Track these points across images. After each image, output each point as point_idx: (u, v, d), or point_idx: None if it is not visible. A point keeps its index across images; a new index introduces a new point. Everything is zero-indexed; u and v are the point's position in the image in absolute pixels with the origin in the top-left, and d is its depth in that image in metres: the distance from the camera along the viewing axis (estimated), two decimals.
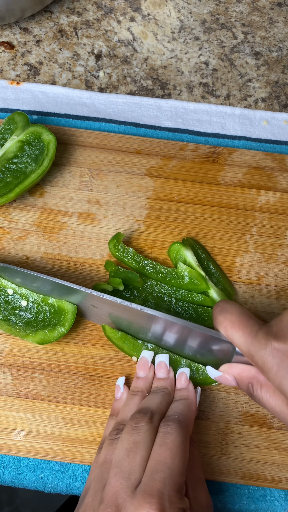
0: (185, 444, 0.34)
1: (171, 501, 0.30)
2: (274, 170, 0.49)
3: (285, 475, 0.40)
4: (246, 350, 0.34)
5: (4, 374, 0.42)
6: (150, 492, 0.30)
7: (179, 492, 0.31)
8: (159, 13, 0.57)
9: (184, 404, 0.38)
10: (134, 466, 0.32)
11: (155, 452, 0.33)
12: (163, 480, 0.31)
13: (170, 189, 0.47)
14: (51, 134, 0.45)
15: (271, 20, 0.57)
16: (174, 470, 0.32)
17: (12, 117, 0.46)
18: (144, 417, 0.35)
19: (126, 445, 0.33)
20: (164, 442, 0.33)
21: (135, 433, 0.34)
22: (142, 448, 0.33)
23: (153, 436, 0.34)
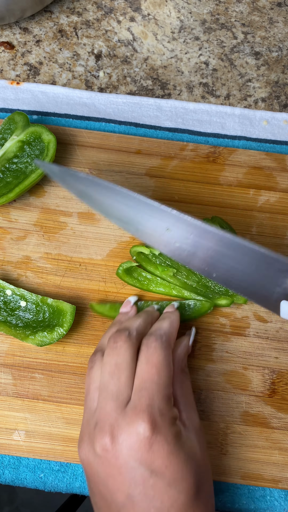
0: (169, 357, 0.35)
1: (161, 412, 0.33)
2: (274, 170, 0.49)
3: (285, 475, 0.40)
4: None
5: (4, 374, 0.42)
6: (140, 407, 0.32)
7: (167, 403, 0.33)
8: (159, 13, 0.57)
9: (167, 321, 0.39)
10: (120, 387, 0.34)
11: (142, 370, 0.34)
12: (151, 396, 0.33)
13: (170, 189, 0.47)
14: (51, 134, 0.45)
15: (271, 20, 0.57)
16: (161, 385, 0.34)
17: (12, 117, 0.46)
18: (122, 335, 0.36)
19: (109, 368, 0.35)
20: (149, 359, 0.35)
21: (115, 354, 0.35)
22: (125, 368, 0.35)
23: (134, 354, 0.35)
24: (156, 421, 0.32)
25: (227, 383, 0.42)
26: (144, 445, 0.31)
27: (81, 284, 0.44)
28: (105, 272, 0.45)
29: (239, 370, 0.43)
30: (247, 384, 0.42)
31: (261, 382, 0.42)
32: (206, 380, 0.42)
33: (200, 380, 0.42)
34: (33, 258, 0.45)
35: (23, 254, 0.45)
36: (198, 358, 0.43)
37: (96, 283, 0.44)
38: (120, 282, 0.44)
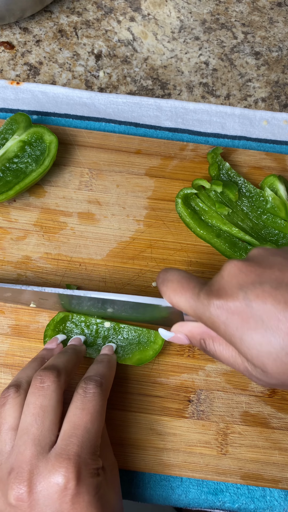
0: (104, 408, 0.34)
1: (87, 463, 0.31)
2: (274, 170, 0.49)
3: (285, 475, 0.40)
4: (193, 313, 0.33)
5: (4, 374, 0.42)
6: (67, 455, 0.30)
7: (94, 453, 0.32)
8: (159, 13, 0.57)
9: (106, 366, 0.37)
10: (44, 431, 0.31)
11: (75, 415, 0.32)
12: (81, 444, 0.31)
13: (170, 189, 0.47)
14: (52, 135, 0.45)
15: (271, 20, 0.57)
16: (92, 434, 0.32)
17: (14, 118, 0.46)
18: (50, 375, 0.33)
19: (33, 409, 0.32)
20: (85, 405, 0.33)
21: (42, 395, 0.33)
22: (51, 411, 0.32)
23: (61, 396, 0.33)
24: (81, 471, 0.30)
25: (227, 383, 0.42)
26: (64, 496, 0.29)
27: (81, 284, 0.44)
28: (105, 272, 0.45)
29: None
30: (247, 384, 0.42)
31: None
32: (206, 380, 0.42)
33: (200, 380, 0.42)
34: (33, 258, 0.45)
35: (23, 254, 0.45)
36: (198, 358, 0.43)
37: (96, 283, 0.44)
38: (120, 282, 0.44)
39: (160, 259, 0.45)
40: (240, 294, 0.30)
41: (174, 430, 0.41)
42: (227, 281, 0.31)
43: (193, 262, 0.45)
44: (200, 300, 0.32)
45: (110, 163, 0.48)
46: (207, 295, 0.31)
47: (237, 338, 0.30)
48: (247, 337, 0.29)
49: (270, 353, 0.29)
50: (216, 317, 0.31)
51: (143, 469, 0.40)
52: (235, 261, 0.32)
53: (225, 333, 0.31)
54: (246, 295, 0.30)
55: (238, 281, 0.30)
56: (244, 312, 0.29)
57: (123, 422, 0.41)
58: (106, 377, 0.36)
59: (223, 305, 0.30)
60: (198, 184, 0.45)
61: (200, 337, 0.35)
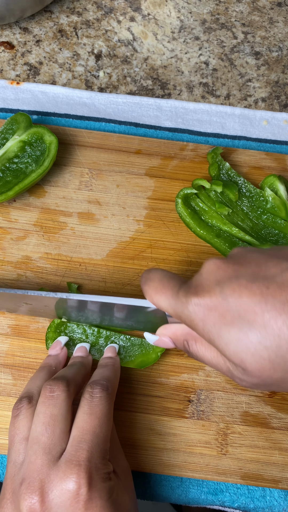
0: (111, 411, 0.34)
1: (97, 468, 0.30)
2: (274, 170, 0.49)
3: (285, 475, 0.40)
4: (172, 312, 0.32)
5: (4, 374, 0.42)
6: (77, 461, 0.30)
7: (104, 458, 0.31)
8: (159, 13, 0.57)
9: (111, 369, 0.37)
10: (54, 440, 0.31)
11: (83, 420, 0.32)
12: (91, 449, 0.31)
13: (170, 189, 0.47)
14: (53, 135, 0.45)
15: (271, 20, 0.57)
16: (101, 438, 0.32)
17: (15, 118, 0.46)
18: (60, 384, 0.33)
19: (43, 419, 0.32)
20: (92, 410, 0.33)
21: (52, 404, 0.33)
22: (61, 420, 0.32)
23: (69, 406, 0.33)
24: (93, 476, 0.30)
25: (227, 383, 0.42)
26: (77, 502, 0.29)
27: (81, 284, 0.44)
28: (105, 272, 0.45)
29: None
30: None
31: None
32: (206, 380, 0.42)
33: (200, 380, 0.42)
34: (33, 258, 0.45)
35: (23, 254, 0.45)
36: None
37: (96, 283, 0.44)
38: (120, 282, 0.44)
39: (160, 259, 0.45)
40: (216, 290, 0.29)
41: (174, 430, 0.41)
42: (205, 278, 0.31)
43: (193, 262, 0.45)
44: (179, 298, 0.31)
45: (110, 163, 0.48)
46: (186, 293, 0.31)
47: (214, 335, 0.29)
48: (224, 333, 0.29)
49: (248, 348, 0.28)
50: (194, 315, 0.30)
51: (143, 469, 0.40)
52: (214, 259, 0.32)
53: (203, 331, 0.30)
54: (222, 290, 0.29)
55: (216, 277, 0.30)
56: (220, 307, 0.29)
57: (123, 422, 0.41)
58: (112, 381, 0.36)
59: (201, 301, 0.30)
60: (198, 184, 0.45)
61: (183, 339, 0.35)
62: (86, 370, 0.38)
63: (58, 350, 0.40)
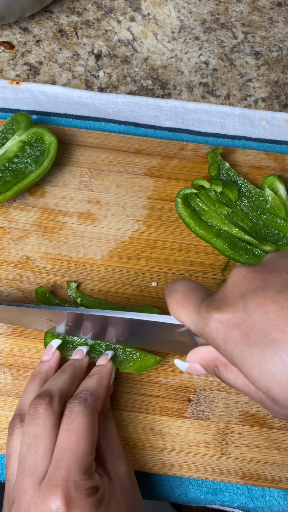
0: (92, 422, 0.33)
1: (77, 485, 0.30)
2: (274, 170, 0.49)
3: (284, 475, 0.40)
4: (195, 329, 0.29)
5: (4, 374, 0.42)
6: (55, 482, 0.30)
7: (86, 473, 0.31)
8: (159, 13, 0.57)
9: (95, 379, 0.37)
10: (37, 460, 0.31)
11: (61, 439, 0.32)
12: (68, 467, 0.30)
13: (170, 189, 0.47)
14: (52, 135, 0.45)
15: (271, 20, 0.57)
16: (80, 453, 0.31)
17: (15, 117, 0.46)
18: (42, 402, 0.33)
19: (27, 439, 0.32)
20: (69, 426, 0.32)
21: (34, 423, 0.33)
22: (43, 439, 0.32)
23: (55, 422, 0.33)
24: (71, 495, 0.29)
25: None
26: None
27: (80, 284, 0.44)
28: (105, 272, 0.45)
29: None
30: None
31: None
32: (206, 380, 0.42)
33: (200, 380, 0.42)
34: (33, 258, 0.45)
35: (23, 254, 0.45)
36: None
37: (96, 283, 0.44)
38: (120, 282, 0.44)
39: (160, 259, 0.45)
40: (240, 304, 0.25)
41: (174, 430, 0.41)
42: (230, 290, 0.27)
43: (193, 262, 0.45)
44: (200, 313, 0.28)
45: (110, 163, 0.48)
46: (207, 307, 0.27)
47: (237, 357, 0.25)
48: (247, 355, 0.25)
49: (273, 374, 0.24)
50: (215, 333, 0.26)
51: (143, 469, 0.40)
52: (241, 267, 0.27)
53: (226, 352, 0.26)
54: (246, 304, 0.25)
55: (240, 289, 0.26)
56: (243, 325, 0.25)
57: (123, 422, 0.41)
58: (93, 391, 0.35)
59: (222, 318, 0.26)
60: (198, 184, 0.45)
61: (213, 364, 0.31)
62: (76, 375, 0.37)
63: (50, 355, 0.40)
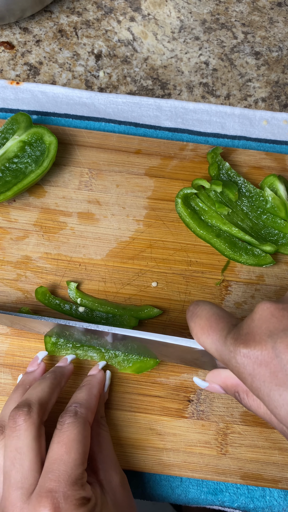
0: (83, 432, 0.33)
1: (66, 496, 0.30)
2: (274, 170, 0.49)
3: (284, 475, 0.40)
4: (219, 358, 0.30)
5: (4, 374, 0.42)
6: (44, 494, 0.30)
7: (76, 484, 0.31)
8: (159, 13, 0.57)
9: (85, 390, 0.37)
10: (24, 473, 0.31)
11: (52, 451, 0.32)
12: (57, 478, 0.30)
13: (170, 189, 0.47)
14: (52, 135, 0.45)
15: (271, 20, 0.57)
16: (70, 464, 0.31)
17: (15, 118, 0.46)
18: (21, 413, 0.33)
19: (9, 453, 0.32)
20: (60, 438, 0.32)
21: (15, 436, 0.32)
22: (27, 452, 0.32)
23: (37, 432, 0.33)
24: (60, 506, 0.29)
25: None
26: None
27: (80, 285, 0.44)
28: (105, 272, 0.45)
29: None
30: None
31: None
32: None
33: None
34: (33, 258, 0.45)
35: (23, 254, 0.45)
36: None
37: (96, 283, 0.44)
38: (120, 282, 0.44)
39: (160, 259, 0.45)
40: (269, 343, 0.26)
41: (174, 430, 0.41)
42: (257, 325, 0.28)
43: (193, 262, 0.45)
44: (227, 345, 0.29)
45: (110, 163, 0.48)
46: (234, 340, 0.28)
47: (264, 394, 0.26)
48: (275, 394, 0.26)
49: None
50: (242, 367, 0.27)
51: (143, 469, 0.40)
52: (268, 303, 0.28)
53: (252, 387, 0.27)
54: (275, 344, 0.26)
55: (269, 327, 0.27)
56: (272, 364, 0.26)
57: (123, 422, 0.41)
58: (84, 403, 0.35)
59: (250, 354, 0.27)
60: (198, 184, 0.45)
61: (234, 390, 0.32)
62: (57, 381, 0.37)
63: (35, 366, 0.40)
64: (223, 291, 0.45)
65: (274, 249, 0.44)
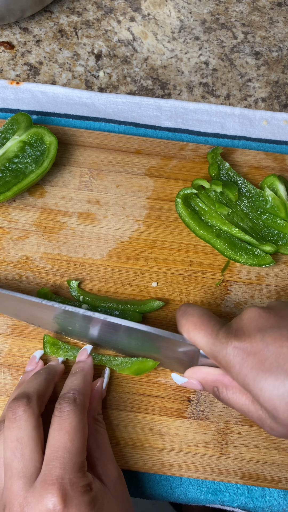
0: (83, 421, 0.34)
1: (72, 483, 0.31)
2: (274, 170, 0.49)
3: (284, 475, 0.40)
4: (209, 350, 0.34)
5: (4, 374, 0.42)
6: (50, 481, 0.30)
7: (80, 471, 0.31)
8: (159, 13, 0.57)
9: (80, 377, 0.37)
10: (25, 463, 0.32)
11: (54, 438, 0.32)
12: (63, 466, 0.31)
13: (170, 189, 0.47)
14: (53, 136, 0.45)
15: (271, 20, 0.57)
16: (73, 452, 0.32)
17: (15, 118, 0.46)
18: (20, 404, 0.34)
19: (10, 443, 0.33)
20: (61, 426, 0.33)
21: (16, 427, 0.33)
22: (27, 441, 0.32)
23: (36, 422, 0.33)
24: (67, 492, 0.30)
25: None
26: None
27: (81, 284, 0.44)
28: (105, 272, 0.45)
29: None
30: None
31: None
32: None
33: None
34: (33, 258, 0.45)
35: (23, 254, 0.45)
36: None
37: (96, 283, 0.44)
38: (120, 282, 0.44)
39: (160, 259, 0.45)
40: (258, 336, 0.31)
41: (173, 430, 0.41)
42: (247, 323, 0.33)
43: (193, 262, 0.45)
44: (219, 339, 0.33)
45: (110, 163, 0.48)
46: (226, 334, 0.33)
47: (250, 379, 0.31)
48: (261, 379, 0.30)
49: (283, 396, 0.29)
50: (232, 357, 0.32)
51: (143, 469, 0.40)
52: (256, 307, 0.34)
53: (239, 374, 0.32)
54: (263, 337, 0.31)
55: (257, 324, 0.32)
56: (260, 354, 0.31)
57: (123, 422, 0.41)
58: (81, 389, 0.36)
59: (241, 345, 0.32)
60: (198, 184, 0.45)
61: (214, 385, 0.35)
62: (51, 376, 0.38)
63: (33, 365, 0.41)
64: (223, 291, 0.45)
65: (274, 249, 0.44)
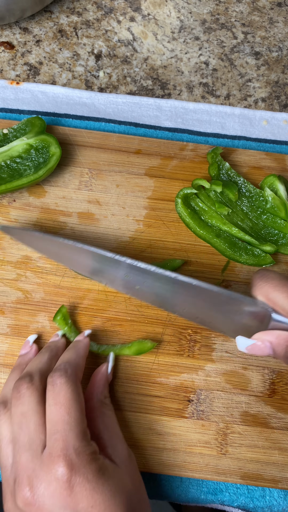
0: (77, 390, 0.34)
1: (78, 452, 0.32)
2: (274, 170, 0.49)
3: (284, 475, 0.40)
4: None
5: (4, 374, 0.42)
6: (55, 453, 0.31)
7: (83, 439, 0.32)
8: (159, 13, 0.57)
9: (72, 351, 0.38)
10: (31, 435, 0.33)
11: (51, 412, 0.33)
12: (65, 438, 0.32)
13: (170, 189, 0.47)
14: (59, 147, 0.45)
15: (271, 20, 0.57)
16: (73, 423, 0.33)
17: (31, 120, 0.46)
18: (23, 382, 0.35)
19: (16, 419, 0.34)
20: (56, 400, 0.33)
21: (20, 403, 0.34)
22: (32, 415, 0.34)
23: (40, 398, 0.34)
24: (73, 462, 0.31)
25: (227, 383, 0.42)
26: (65, 490, 0.31)
27: (81, 284, 0.44)
28: None
29: (239, 370, 0.43)
30: (247, 384, 0.42)
31: (261, 382, 0.42)
32: (206, 380, 0.42)
33: (200, 380, 0.42)
34: (33, 258, 0.45)
35: (23, 254, 0.45)
36: (197, 358, 0.43)
37: (95, 283, 0.44)
38: None
39: (160, 259, 0.45)
40: None
41: (173, 430, 0.41)
42: None
43: (193, 262, 0.45)
44: None
45: (110, 163, 0.48)
46: None
47: None
48: None
49: None
50: None
51: (143, 469, 0.40)
52: None
53: None
54: None
55: None
56: None
57: (123, 422, 0.41)
58: (72, 361, 0.37)
59: None
60: (198, 184, 0.45)
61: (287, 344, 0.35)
62: (54, 353, 0.39)
63: (27, 349, 0.41)
64: None
65: (274, 249, 0.44)
